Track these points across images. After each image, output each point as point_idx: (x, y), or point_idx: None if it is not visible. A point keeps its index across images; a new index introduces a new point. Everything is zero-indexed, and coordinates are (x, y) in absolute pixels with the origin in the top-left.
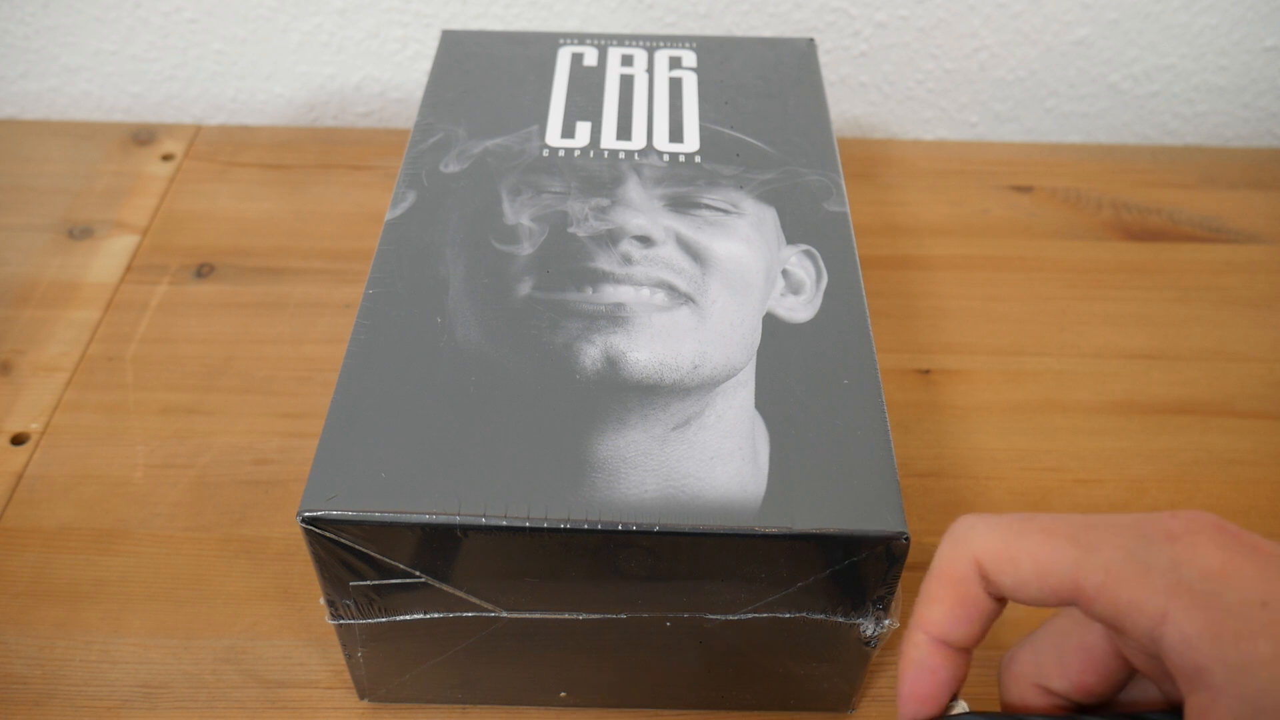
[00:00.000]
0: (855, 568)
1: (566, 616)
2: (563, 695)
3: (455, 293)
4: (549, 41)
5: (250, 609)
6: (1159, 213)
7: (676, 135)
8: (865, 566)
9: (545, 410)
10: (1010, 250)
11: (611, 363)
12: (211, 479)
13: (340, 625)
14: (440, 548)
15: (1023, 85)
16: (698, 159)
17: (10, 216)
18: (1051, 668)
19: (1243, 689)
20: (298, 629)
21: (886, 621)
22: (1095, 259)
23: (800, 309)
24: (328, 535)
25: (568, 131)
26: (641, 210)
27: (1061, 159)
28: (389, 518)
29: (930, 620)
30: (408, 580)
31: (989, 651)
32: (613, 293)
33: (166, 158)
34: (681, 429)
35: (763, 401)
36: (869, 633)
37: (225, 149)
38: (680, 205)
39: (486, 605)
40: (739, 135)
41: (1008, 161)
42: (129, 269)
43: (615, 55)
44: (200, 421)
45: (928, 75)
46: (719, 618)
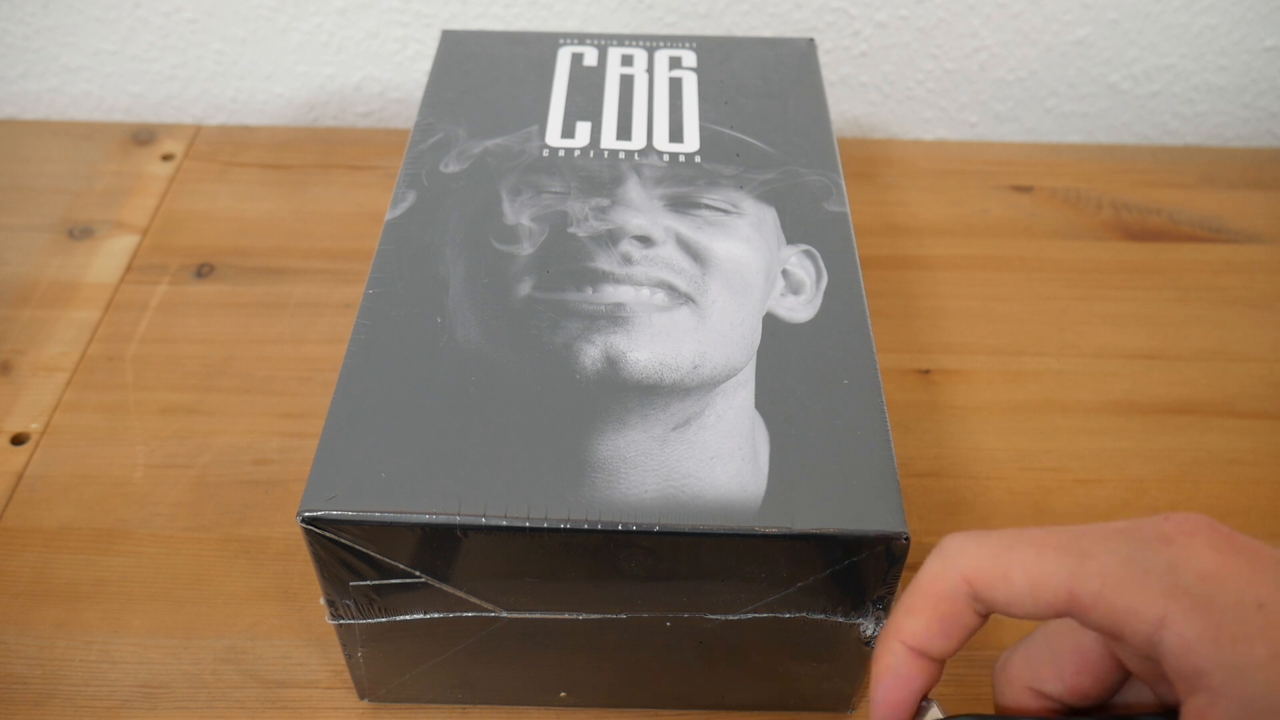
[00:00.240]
0: (855, 568)
1: (566, 616)
2: (563, 695)
3: (455, 293)
4: (549, 41)
5: (250, 609)
6: (1159, 213)
7: (676, 135)
8: (865, 566)
9: (545, 410)
10: (1010, 250)
11: (611, 363)
12: (211, 479)
13: (340, 625)
14: (440, 548)
15: (1023, 85)
16: (698, 159)
17: (10, 216)
18: (1045, 671)
19: (1240, 691)
20: (298, 629)
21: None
22: (1095, 259)
23: (800, 309)
24: (328, 535)
25: (568, 131)
26: (641, 210)
27: (1061, 159)
28: (389, 518)
29: (908, 631)
30: (408, 580)
31: (987, 652)
32: (613, 293)
33: (166, 158)
34: (681, 429)
35: (763, 401)
36: (869, 633)
37: (225, 149)
38: (680, 205)
39: (486, 605)
40: (739, 135)
41: (1008, 161)
42: (129, 269)
43: (615, 55)
44: (200, 421)
45: (928, 75)
46: (719, 618)
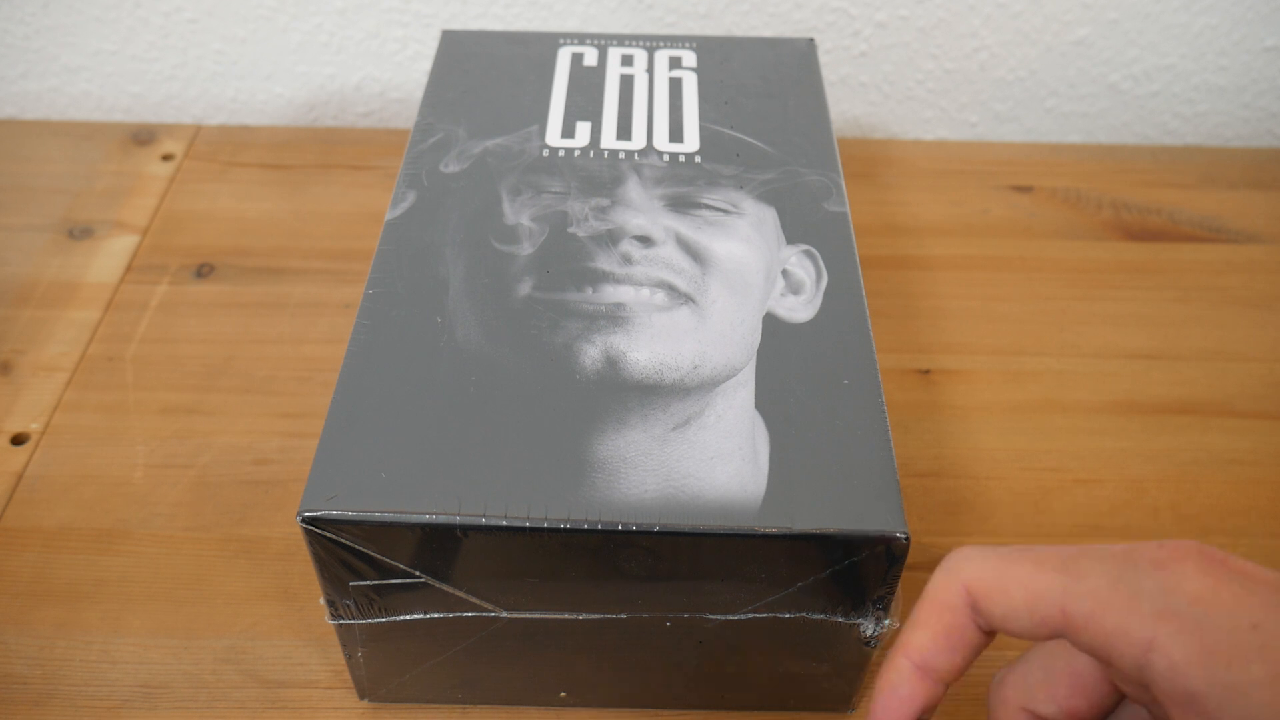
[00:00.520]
0: (855, 568)
1: (566, 616)
2: (563, 695)
3: (455, 293)
4: (549, 41)
5: (250, 609)
6: (1159, 213)
7: (676, 135)
8: (865, 566)
9: (545, 410)
10: (1010, 250)
11: (611, 363)
12: (211, 479)
13: (340, 625)
14: (440, 548)
15: (1023, 85)
16: (698, 159)
17: (10, 216)
18: (1040, 691)
19: (1238, 713)
20: (298, 629)
21: (886, 621)
22: (1095, 259)
23: (800, 309)
24: (328, 535)
25: (568, 131)
26: (641, 210)
27: (1061, 159)
28: (389, 518)
29: (914, 646)
30: (408, 580)
31: (984, 670)
32: (613, 293)
33: (166, 158)
34: (681, 429)
35: (763, 401)
36: (869, 633)
37: (225, 149)
38: (680, 205)
39: (486, 605)
40: (739, 135)
41: (1008, 161)
42: (129, 269)
43: (615, 55)
44: (200, 421)
45: (928, 75)
46: (719, 618)
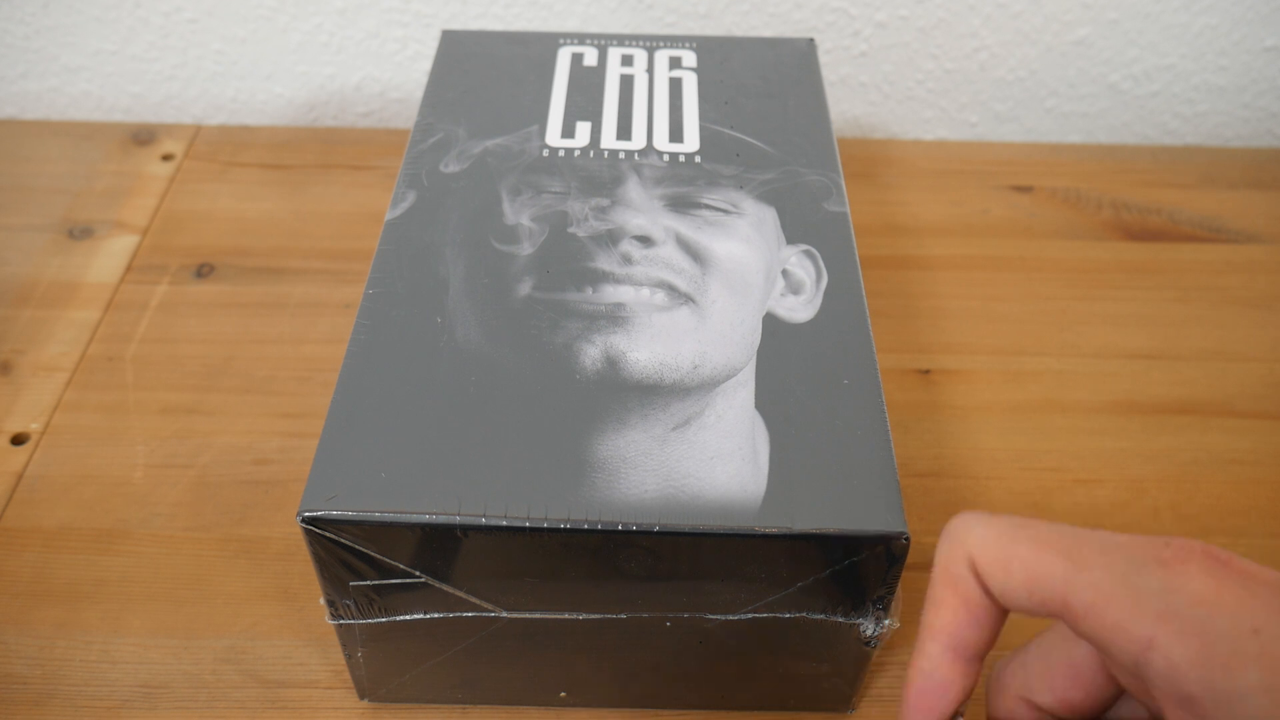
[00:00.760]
0: (855, 568)
1: (566, 616)
2: (563, 695)
3: (455, 293)
4: (549, 41)
5: (250, 609)
6: (1159, 213)
7: (676, 135)
8: (865, 566)
9: (545, 410)
10: (1010, 250)
11: (611, 363)
12: (211, 479)
13: (340, 625)
14: (440, 548)
15: (1023, 85)
16: (698, 159)
17: (10, 216)
18: (1038, 682)
19: (1232, 717)
20: (298, 629)
21: (886, 621)
22: (1095, 259)
23: (800, 309)
24: (328, 535)
25: (568, 131)
26: (641, 210)
27: (1061, 159)
28: (389, 518)
29: (939, 626)
30: (408, 580)
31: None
32: (613, 293)
33: (166, 158)
34: (681, 429)
35: (763, 401)
36: (869, 633)
37: (225, 149)
38: (680, 205)
39: (486, 605)
40: (739, 135)
41: (1008, 161)
42: (129, 269)
43: (615, 55)
44: (200, 421)
45: (928, 75)
46: (719, 618)
